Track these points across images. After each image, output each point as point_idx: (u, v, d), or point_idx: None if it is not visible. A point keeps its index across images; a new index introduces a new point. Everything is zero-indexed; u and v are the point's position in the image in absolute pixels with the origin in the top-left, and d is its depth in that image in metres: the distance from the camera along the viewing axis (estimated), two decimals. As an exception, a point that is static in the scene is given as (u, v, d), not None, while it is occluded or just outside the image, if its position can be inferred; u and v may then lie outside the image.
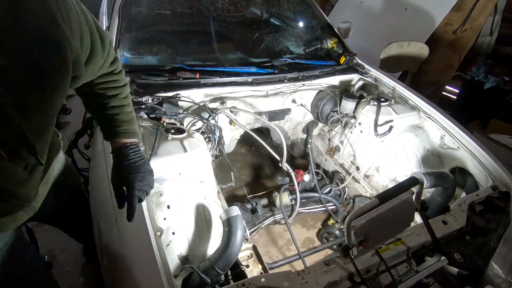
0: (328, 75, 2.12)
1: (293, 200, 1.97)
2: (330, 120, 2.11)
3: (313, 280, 1.00)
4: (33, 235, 1.27)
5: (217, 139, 1.79)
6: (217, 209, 1.44)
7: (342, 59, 2.19)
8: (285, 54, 2.23)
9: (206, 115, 1.73)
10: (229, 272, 1.24)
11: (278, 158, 1.85)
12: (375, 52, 3.22)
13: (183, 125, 1.63)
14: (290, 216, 1.96)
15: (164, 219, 1.21)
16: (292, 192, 1.97)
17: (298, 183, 2.02)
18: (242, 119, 1.98)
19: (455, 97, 3.99)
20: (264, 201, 2.05)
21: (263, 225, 1.91)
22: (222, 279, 1.13)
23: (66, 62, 0.75)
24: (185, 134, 1.48)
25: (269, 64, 2.04)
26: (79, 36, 0.79)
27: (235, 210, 1.19)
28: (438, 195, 1.54)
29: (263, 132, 2.49)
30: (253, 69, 1.94)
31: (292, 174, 1.88)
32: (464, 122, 1.85)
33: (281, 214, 1.96)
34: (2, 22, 0.62)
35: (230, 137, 2.05)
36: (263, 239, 2.08)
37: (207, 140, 1.77)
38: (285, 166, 1.83)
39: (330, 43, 2.24)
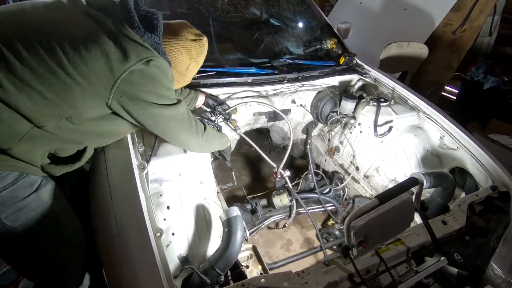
0: (328, 75, 2.12)
1: (292, 201, 1.96)
2: (330, 120, 2.11)
3: (313, 281, 1.00)
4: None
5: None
6: (217, 210, 1.44)
7: (342, 60, 2.19)
8: (284, 54, 2.23)
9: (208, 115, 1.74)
10: (229, 273, 1.24)
11: (273, 164, 1.88)
12: (374, 53, 3.22)
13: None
14: (289, 217, 1.97)
15: (164, 219, 1.21)
16: (291, 193, 1.97)
17: (296, 185, 2.02)
18: (241, 120, 1.98)
19: (455, 98, 3.99)
20: (264, 201, 2.05)
21: (263, 226, 1.91)
22: (222, 279, 1.13)
23: None
24: (185, 134, 1.48)
25: (269, 64, 2.04)
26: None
27: (235, 211, 1.19)
28: (437, 195, 1.54)
29: (263, 132, 2.49)
30: (253, 70, 1.94)
31: (287, 179, 1.90)
32: (463, 122, 1.85)
33: (281, 215, 1.96)
34: None
35: (230, 137, 2.04)
36: (263, 240, 2.08)
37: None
38: (280, 172, 1.87)
39: (329, 44, 2.24)
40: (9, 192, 1.01)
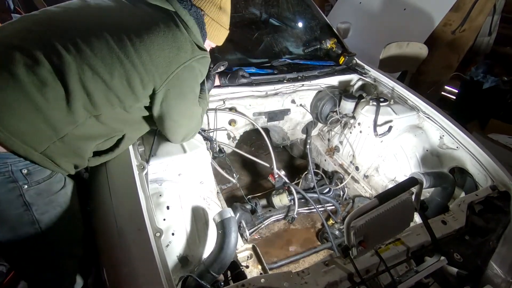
0: (328, 75, 2.12)
1: (291, 201, 1.97)
2: (330, 120, 2.11)
3: (313, 281, 1.00)
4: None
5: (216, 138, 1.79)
6: (217, 210, 1.44)
7: (341, 59, 2.19)
8: (284, 54, 2.23)
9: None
10: (229, 273, 1.24)
11: (268, 165, 1.91)
12: (374, 52, 3.21)
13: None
14: (287, 216, 1.97)
15: (164, 220, 1.21)
16: (290, 193, 1.97)
17: (296, 185, 2.03)
18: (241, 120, 1.98)
19: (454, 97, 4.00)
20: (264, 201, 2.05)
21: (262, 226, 1.91)
22: (222, 282, 1.13)
23: None
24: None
25: (269, 64, 2.04)
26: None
27: (228, 212, 1.18)
28: (437, 195, 1.54)
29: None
30: (253, 70, 1.94)
31: (285, 177, 1.92)
32: (463, 122, 1.85)
33: (281, 215, 1.96)
34: None
35: (228, 142, 2.05)
36: (263, 240, 2.08)
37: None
38: (276, 172, 1.90)
39: (329, 44, 2.24)
40: (46, 184, 1.04)
